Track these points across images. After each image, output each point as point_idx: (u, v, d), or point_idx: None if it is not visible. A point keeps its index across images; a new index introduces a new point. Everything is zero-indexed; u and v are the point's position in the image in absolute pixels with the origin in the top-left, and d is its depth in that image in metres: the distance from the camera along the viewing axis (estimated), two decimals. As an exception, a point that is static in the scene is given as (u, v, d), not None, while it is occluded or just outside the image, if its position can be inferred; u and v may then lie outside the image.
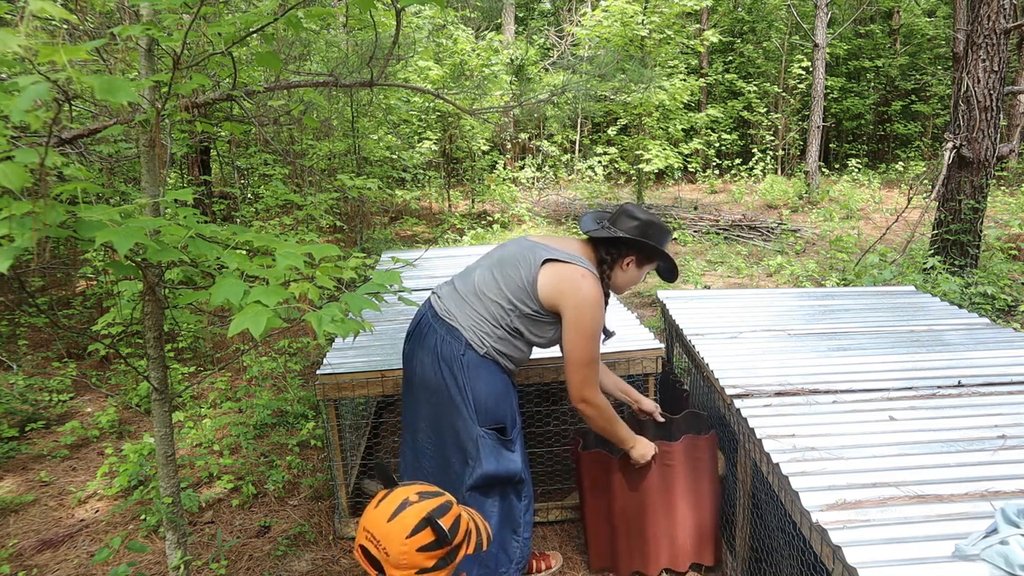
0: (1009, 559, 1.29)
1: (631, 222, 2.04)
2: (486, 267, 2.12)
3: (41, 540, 2.78)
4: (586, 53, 11.09)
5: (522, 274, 2.01)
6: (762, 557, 2.17)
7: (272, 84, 2.21)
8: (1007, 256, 6.33)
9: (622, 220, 2.06)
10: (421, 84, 8.40)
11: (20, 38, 1.10)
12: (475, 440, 2.06)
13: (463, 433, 2.08)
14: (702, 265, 7.33)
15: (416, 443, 2.21)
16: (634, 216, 2.05)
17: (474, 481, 2.07)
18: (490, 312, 2.04)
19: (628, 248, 2.07)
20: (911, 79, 16.75)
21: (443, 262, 4.35)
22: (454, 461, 2.14)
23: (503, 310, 2.04)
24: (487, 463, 2.06)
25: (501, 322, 2.04)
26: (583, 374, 2.04)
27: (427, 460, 2.20)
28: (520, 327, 2.06)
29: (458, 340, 2.03)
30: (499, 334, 2.05)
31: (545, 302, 2.00)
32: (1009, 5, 5.01)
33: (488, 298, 2.05)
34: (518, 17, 17.19)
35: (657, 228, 2.06)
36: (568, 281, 1.98)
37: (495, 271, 2.08)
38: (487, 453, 2.06)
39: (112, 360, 4.56)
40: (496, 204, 10.90)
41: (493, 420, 2.08)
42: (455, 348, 2.03)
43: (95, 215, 1.39)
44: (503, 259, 2.09)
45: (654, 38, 9.32)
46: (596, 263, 2.08)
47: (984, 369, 2.35)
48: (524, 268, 2.02)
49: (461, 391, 2.04)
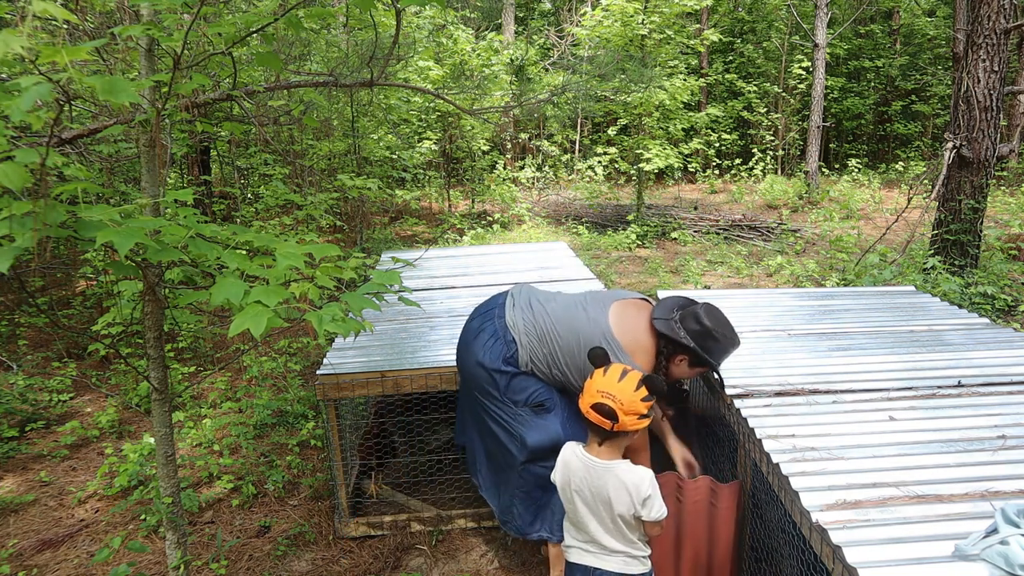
0: (1009, 559, 1.29)
1: (695, 325, 2.09)
2: (566, 319, 2.20)
3: (41, 540, 2.78)
4: (586, 53, 11.09)
5: (585, 360, 2.07)
6: (762, 557, 2.17)
7: (272, 84, 2.21)
8: (1007, 256, 6.33)
9: (689, 320, 2.10)
10: (421, 84, 8.40)
11: (22, 39, 1.10)
12: (512, 419, 2.23)
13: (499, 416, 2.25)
14: (702, 265, 7.33)
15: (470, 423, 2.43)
16: (700, 321, 2.09)
17: (526, 457, 2.22)
18: (545, 358, 2.20)
19: (684, 350, 2.11)
20: (911, 79, 16.74)
21: (443, 262, 4.36)
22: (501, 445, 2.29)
23: (556, 366, 2.20)
24: (530, 437, 2.20)
25: (550, 366, 2.21)
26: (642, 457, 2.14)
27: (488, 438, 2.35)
28: (563, 382, 2.22)
29: (509, 347, 2.22)
30: (545, 372, 2.22)
31: None
32: (1009, 5, 5.01)
33: (549, 349, 2.19)
34: (518, 17, 17.19)
35: (713, 341, 2.08)
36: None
37: (565, 329, 2.18)
38: (528, 428, 2.21)
39: (112, 360, 4.56)
40: (496, 204, 10.90)
41: (529, 397, 2.23)
42: (503, 351, 2.21)
43: (95, 215, 1.39)
44: (576, 326, 2.17)
45: (654, 38, 9.31)
46: (657, 348, 2.14)
47: (984, 369, 2.35)
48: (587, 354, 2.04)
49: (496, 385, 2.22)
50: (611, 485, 1.80)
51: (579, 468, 1.87)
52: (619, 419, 1.76)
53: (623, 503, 1.78)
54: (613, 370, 1.83)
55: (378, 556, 2.64)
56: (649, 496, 1.77)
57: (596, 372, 1.86)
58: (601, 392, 1.78)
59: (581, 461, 1.86)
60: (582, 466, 1.86)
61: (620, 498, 1.79)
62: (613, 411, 1.76)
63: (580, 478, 1.86)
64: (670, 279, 6.67)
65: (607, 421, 1.77)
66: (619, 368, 1.84)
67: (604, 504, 1.81)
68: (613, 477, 1.80)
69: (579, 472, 1.86)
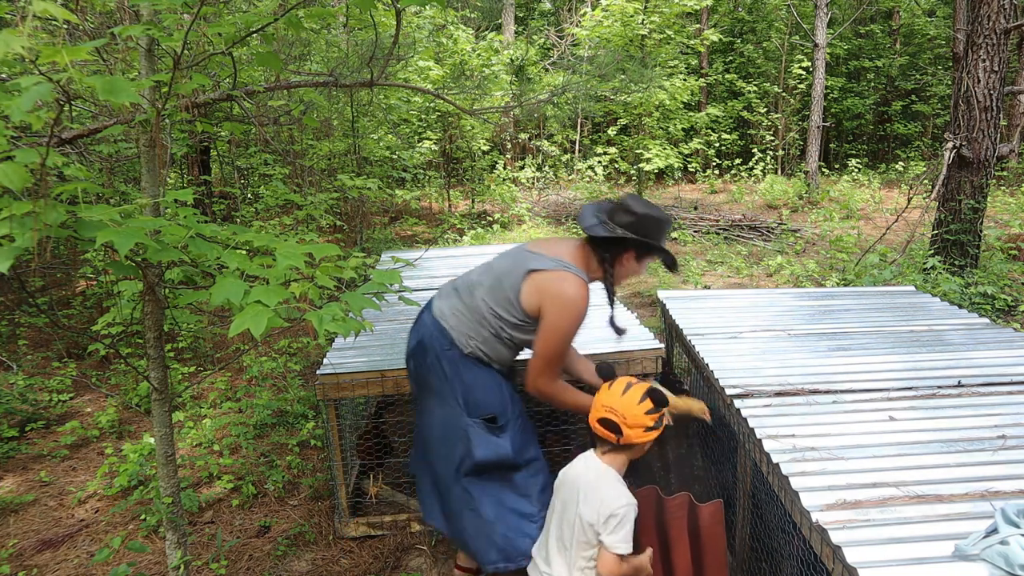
0: (1009, 559, 1.29)
1: (627, 217, 2.02)
2: (481, 272, 2.19)
3: (41, 540, 2.78)
4: (586, 53, 11.09)
5: (507, 285, 2.06)
6: (762, 557, 2.17)
7: (272, 84, 2.21)
8: (1007, 256, 6.32)
9: (619, 214, 2.04)
10: (421, 84, 8.40)
11: (23, 39, 1.10)
12: (464, 429, 2.12)
13: (453, 422, 2.14)
14: (702, 265, 7.33)
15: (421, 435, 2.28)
16: (631, 210, 2.02)
17: (467, 468, 2.11)
18: (476, 317, 2.10)
19: (625, 245, 2.05)
20: (911, 79, 16.74)
21: (443, 262, 4.35)
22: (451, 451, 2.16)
23: (488, 316, 2.09)
24: (477, 451, 2.10)
25: (485, 326, 2.10)
26: (542, 367, 2.08)
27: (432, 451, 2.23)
28: (504, 332, 2.10)
29: (445, 337, 2.12)
30: (484, 335, 2.11)
31: (529, 310, 2.05)
32: (1009, 5, 5.01)
33: (475, 303, 2.12)
34: (518, 17, 17.19)
35: (653, 222, 2.03)
36: (551, 285, 2.01)
37: (486, 278, 2.14)
38: (478, 441, 2.11)
39: (112, 360, 4.56)
40: (496, 204, 10.90)
41: (482, 410, 2.13)
42: (442, 343, 2.12)
43: (95, 215, 1.39)
44: (495, 269, 2.14)
45: (654, 38, 9.32)
46: (597, 260, 2.09)
47: (984, 369, 2.35)
48: (509, 280, 2.06)
49: (449, 383, 2.12)
50: (591, 487, 1.79)
51: (579, 464, 1.88)
52: (624, 433, 1.77)
53: (591, 507, 1.75)
54: (617, 384, 1.84)
55: (378, 556, 2.64)
56: (615, 516, 1.71)
57: (602, 387, 1.87)
58: (606, 407, 1.80)
59: (584, 460, 1.88)
60: (583, 465, 1.87)
61: (591, 501, 1.76)
62: (617, 425, 1.77)
63: (574, 474, 1.87)
64: (670, 279, 6.67)
65: (612, 435, 1.79)
66: (623, 382, 1.84)
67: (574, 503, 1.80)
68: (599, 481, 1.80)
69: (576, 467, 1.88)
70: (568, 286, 2.00)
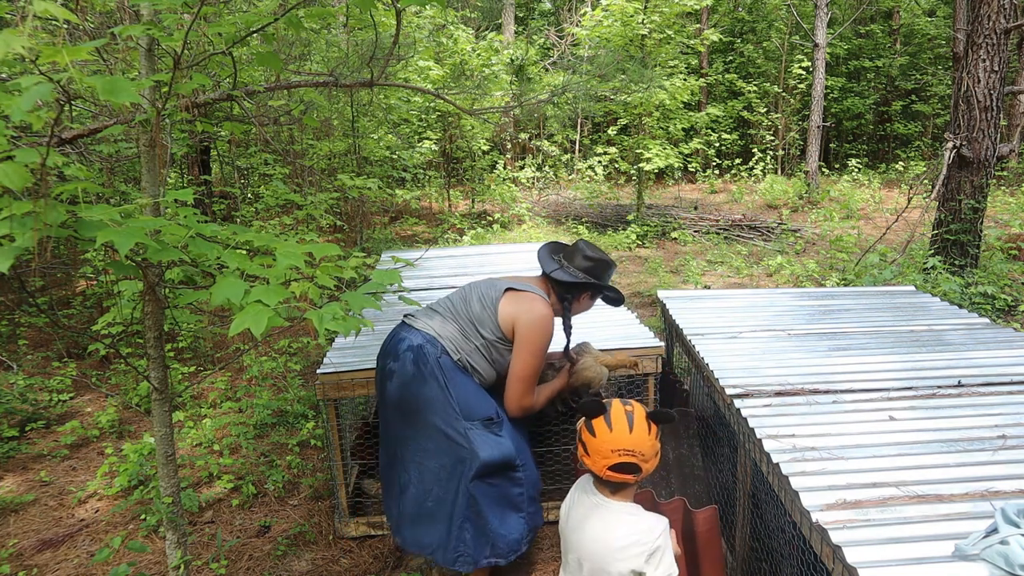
0: (1009, 559, 1.29)
1: (585, 262, 2.27)
2: (458, 294, 2.37)
3: (41, 540, 2.78)
4: (586, 53, 11.08)
5: (487, 302, 2.26)
6: (762, 557, 2.17)
7: (272, 84, 2.21)
8: (1007, 256, 6.33)
9: (577, 259, 2.28)
10: (421, 84, 8.40)
11: (23, 39, 1.10)
12: (464, 433, 2.16)
13: (449, 430, 2.17)
14: (702, 265, 7.33)
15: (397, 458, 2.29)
16: (587, 256, 2.28)
17: (475, 472, 2.15)
18: (461, 329, 2.25)
19: (585, 287, 2.31)
20: (911, 79, 16.75)
21: (443, 262, 4.35)
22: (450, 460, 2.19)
23: (469, 330, 2.25)
24: (483, 451, 2.15)
25: (471, 337, 2.25)
26: (522, 388, 2.25)
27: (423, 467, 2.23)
28: (483, 347, 2.26)
29: (435, 345, 2.20)
30: (468, 348, 2.25)
31: (505, 328, 2.22)
32: (1009, 5, 5.01)
33: (458, 319, 2.27)
34: (518, 17, 17.19)
35: (604, 266, 2.30)
36: (524, 302, 2.23)
37: (467, 298, 2.32)
38: (481, 442, 2.16)
39: (112, 360, 4.56)
40: (496, 204, 10.90)
41: (479, 412, 2.20)
42: (432, 351, 2.19)
43: (95, 215, 1.39)
44: (474, 292, 2.33)
45: (654, 38, 9.31)
46: (557, 297, 2.32)
47: (984, 369, 2.35)
48: (489, 298, 2.26)
49: (443, 389, 2.16)
50: (623, 541, 1.59)
51: (595, 527, 1.66)
52: (643, 470, 1.62)
53: (631, 559, 1.56)
54: (617, 421, 1.62)
55: (378, 556, 2.64)
56: (659, 548, 1.57)
57: (599, 431, 1.63)
58: (618, 452, 1.60)
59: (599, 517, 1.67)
60: (600, 527, 1.65)
61: (630, 553, 1.57)
62: (636, 465, 1.61)
63: (592, 536, 1.66)
64: (670, 279, 6.67)
65: (630, 476, 1.62)
66: (622, 415, 1.63)
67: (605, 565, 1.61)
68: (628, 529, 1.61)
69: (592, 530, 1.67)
70: (539, 305, 2.23)
